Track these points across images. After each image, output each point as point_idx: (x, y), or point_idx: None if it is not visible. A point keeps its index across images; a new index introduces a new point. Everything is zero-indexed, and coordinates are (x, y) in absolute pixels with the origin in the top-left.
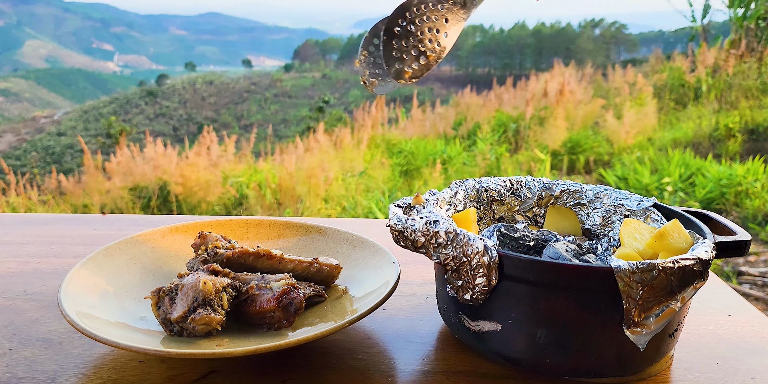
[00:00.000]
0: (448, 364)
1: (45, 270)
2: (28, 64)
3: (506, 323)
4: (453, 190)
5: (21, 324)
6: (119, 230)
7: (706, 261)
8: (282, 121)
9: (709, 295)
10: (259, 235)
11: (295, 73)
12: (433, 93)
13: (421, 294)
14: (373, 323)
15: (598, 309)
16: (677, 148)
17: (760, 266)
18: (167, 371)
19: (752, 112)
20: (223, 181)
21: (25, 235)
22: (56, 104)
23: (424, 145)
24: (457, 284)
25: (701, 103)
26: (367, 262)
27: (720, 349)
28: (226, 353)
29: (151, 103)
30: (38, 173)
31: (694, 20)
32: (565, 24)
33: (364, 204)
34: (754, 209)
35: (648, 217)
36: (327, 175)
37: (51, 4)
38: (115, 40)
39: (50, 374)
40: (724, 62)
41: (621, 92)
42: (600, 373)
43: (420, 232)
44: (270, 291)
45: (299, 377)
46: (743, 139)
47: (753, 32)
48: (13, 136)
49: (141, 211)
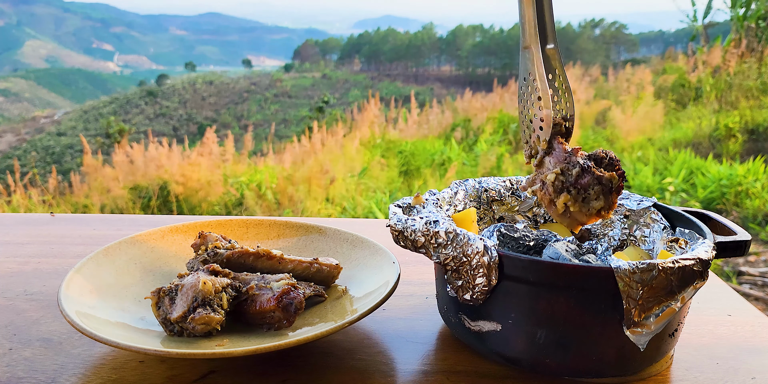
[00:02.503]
0: (448, 364)
1: (45, 270)
2: (28, 64)
3: (506, 323)
4: (453, 190)
5: (21, 324)
6: (119, 230)
7: (706, 261)
8: (282, 121)
9: (709, 295)
10: (259, 235)
11: (295, 73)
12: (432, 93)
13: (421, 294)
14: (373, 323)
15: (598, 309)
16: (678, 148)
17: (760, 266)
18: (167, 371)
19: (752, 112)
20: (224, 181)
21: (25, 235)
22: (56, 104)
23: (423, 145)
24: (457, 284)
25: (701, 103)
26: (367, 262)
27: (720, 349)
28: (226, 353)
29: (151, 103)
30: (38, 173)
31: (695, 20)
32: (565, 24)
33: (364, 204)
34: (754, 209)
35: (648, 216)
36: (329, 176)
37: (51, 4)
38: (115, 40)
39: (50, 374)
40: (726, 62)
41: (623, 92)
42: (600, 373)
43: (420, 232)
44: (270, 291)
45: (299, 377)
46: (743, 139)
47: (753, 32)
48: (13, 136)
49: (141, 211)
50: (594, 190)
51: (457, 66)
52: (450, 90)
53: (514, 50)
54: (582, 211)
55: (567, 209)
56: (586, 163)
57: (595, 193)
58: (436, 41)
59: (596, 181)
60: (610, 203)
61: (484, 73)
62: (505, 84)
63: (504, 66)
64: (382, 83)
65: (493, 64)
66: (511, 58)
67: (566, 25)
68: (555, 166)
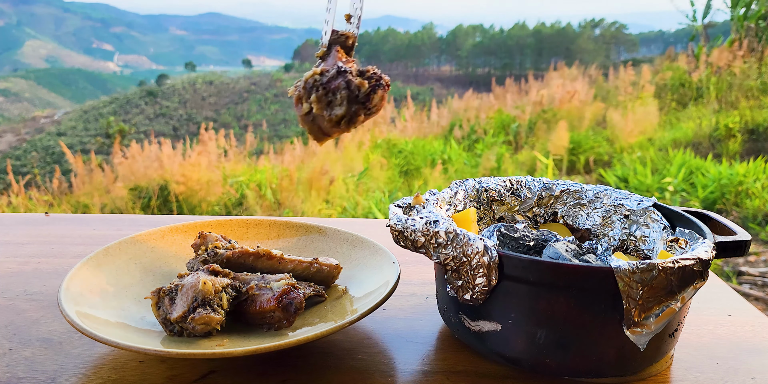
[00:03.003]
0: (448, 364)
1: (45, 270)
2: (28, 64)
3: (506, 323)
4: (453, 190)
5: (21, 324)
6: (119, 230)
7: (706, 261)
8: (282, 121)
9: (709, 295)
10: (259, 235)
11: (295, 73)
12: (432, 93)
13: (421, 294)
14: (373, 323)
15: (598, 309)
16: (677, 148)
17: (760, 266)
18: (167, 371)
19: (752, 112)
20: (224, 181)
21: (25, 235)
22: (56, 104)
23: (423, 145)
24: (457, 284)
25: (701, 103)
26: (367, 262)
27: (720, 349)
28: (226, 353)
29: (151, 103)
30: (38, 173)
31: (695, 20)
32: (565, 24)
33: (364, 204)
34: (754, 209)
35: (648, 216)
36: (329, 176)
37: (51, 4)
38: (115, 40)
39: (50, 374)
40: (729, 62)
41: (623, 92)
42: (600, 373)
43: (420, 232)
44: (270, 291)
45: (299, 377)
46: (743, 139)
47: (753, 32)
48: (13, 136)
49: (141, 211)
50: (341, 95)
51: (457, 66)
52: (450, 90)
53: (514, 50)
54: (324, 115)
55: (311, 111)
56: (345, 67)
57: (341, 99)
58: (436, 41)
59: (346, 85)
60: (352, 114)
61: (484, 73)
62: (505, 84)
63: (504, 66)
64: None
65: (493, 64)
66: (511, 58)
67: (566, 25)
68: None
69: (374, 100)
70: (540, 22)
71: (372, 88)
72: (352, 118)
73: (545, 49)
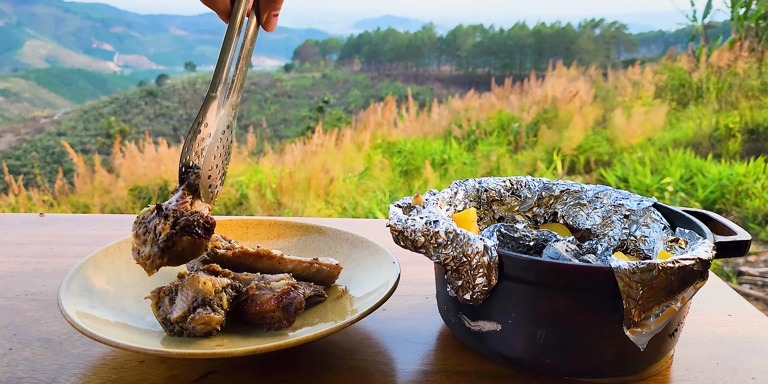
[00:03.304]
0: (448, 364)
1: (45, 270)
2: (28, 64)
3: (506, 323)
4: (453, 190)
5: (21, 324)
6: (119, 230)
7: (706, 261)
8: (282, 121)
9: (709, 295)
10: (259, 235)
11: (295, 73)
12: (433, 93)
13: (421, 294)
14: (373, 323)
15: (598, 309)
16: (677, 148)
17: (760, 266)
18: (167, 371)
19: (752, 112)
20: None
21: (25, 235)
22: (56, 104)
23: (423, 145)
24: (457, 284)
25: (701, 103)
26: (367, 262)
27: (720, 349)
28: (226, 353)
29: (151, 103)
30: (39, 173)
31: (695, 20)
32: (565, 24)
33: (365, 204)
34: (754, 209)
35: (648, 216)
36: (330, 176)
37: (51, 4)
38: (115, 40)
39: (50, 374)
40: (729, 62)
41: (623, 92)
42: (600, 373)
43: (420, 232)
44: (270, 291)
45: (299, 377)
46: (743, 139)
47: (753, 32)
48: (13, 136)
49: None
50: (149, 237)
51: (457, 66)
52: (450, 90)
53: (514, 50)
54: (141, 250)
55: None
56: (168, 208)
57: (150, 240)
58: (436, 41)
59: (153, 228)
60: (155, 257)
61: (484, 73)
62: (505, 84)
63: (504, 66)
64: (382, 83)
65: (493, 64)
66: (511, 58)
67: (566, 25)
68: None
69: (179, 246)
70: (540, 22)
71: (174, 234)
72: (155, 261)
73: (545, 49)
